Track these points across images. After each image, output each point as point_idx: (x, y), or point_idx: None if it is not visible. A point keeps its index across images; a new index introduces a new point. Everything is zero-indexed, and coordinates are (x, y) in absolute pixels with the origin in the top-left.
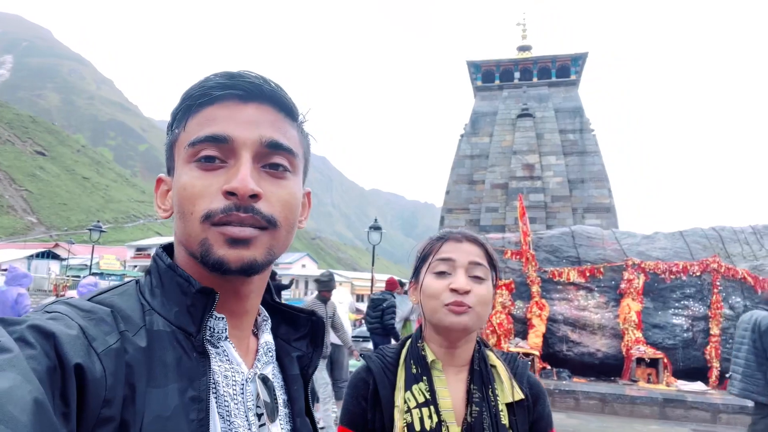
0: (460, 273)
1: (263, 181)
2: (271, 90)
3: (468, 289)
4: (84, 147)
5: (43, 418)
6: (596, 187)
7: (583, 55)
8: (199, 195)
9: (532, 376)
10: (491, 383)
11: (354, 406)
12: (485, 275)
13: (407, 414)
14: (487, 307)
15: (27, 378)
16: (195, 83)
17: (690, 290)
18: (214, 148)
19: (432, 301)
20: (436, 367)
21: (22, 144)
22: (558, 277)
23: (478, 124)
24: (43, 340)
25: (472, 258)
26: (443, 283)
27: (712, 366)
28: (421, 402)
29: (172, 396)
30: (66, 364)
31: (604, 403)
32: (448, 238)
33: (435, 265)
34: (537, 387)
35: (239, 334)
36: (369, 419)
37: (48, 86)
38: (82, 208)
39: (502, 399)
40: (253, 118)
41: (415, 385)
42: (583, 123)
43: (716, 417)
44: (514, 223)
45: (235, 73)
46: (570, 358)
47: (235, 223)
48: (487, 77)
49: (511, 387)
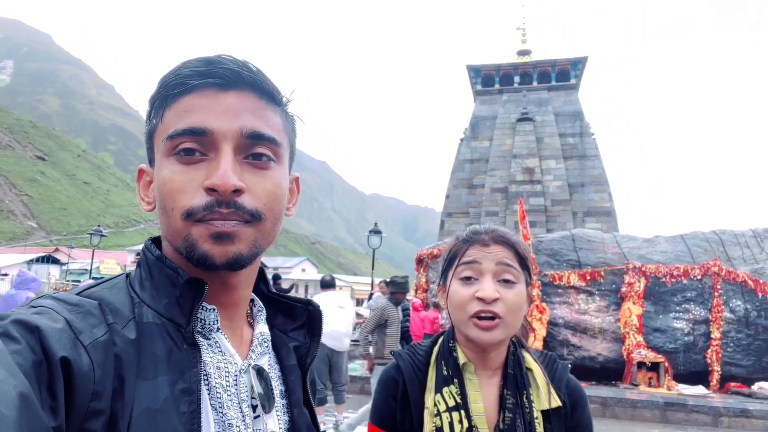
0: (488, 279)
1: (246, 173)
2: (251, 76)
3: (496, 297)
4: (84, 152)
5: (29, 413)
6: (596, 191)
7: (583, 59)
8: (179, 191)
9: (572, 380)
10: (526, 388)
11: (383, 405)
12: (516, 278)
13: (437, 417)
14: (518, 314)
15: (12, 373)
16: (170, 70)
17: (691, 294)
18: (193, 141)
19: (458, 311)
20: (468, 370)
21: (23, 149)
22: (558, 281)
23: (478, 128)
24: (28, 335)
25: (501, 261)
26: (469, 291)
27: (713, 370)
28: (452, 406)
29: (162, 388)
30: (52, 358)
31: (605, 406)
32: (474, 240)
33: (461, 271)
34: (577, 392)
35: (232, 324)
36: (398, 419)
37: (48, 91)
38: (83, 213)
39: (537, 405)
40: (233, 107)
41: (445, 387)
42: (583, 127)
43: (717, 421)
44: (514, 227)
45: (212, 58)
46: (571, 362)
47: (217, 220)
48: (487, 81)
49: (547, 393)
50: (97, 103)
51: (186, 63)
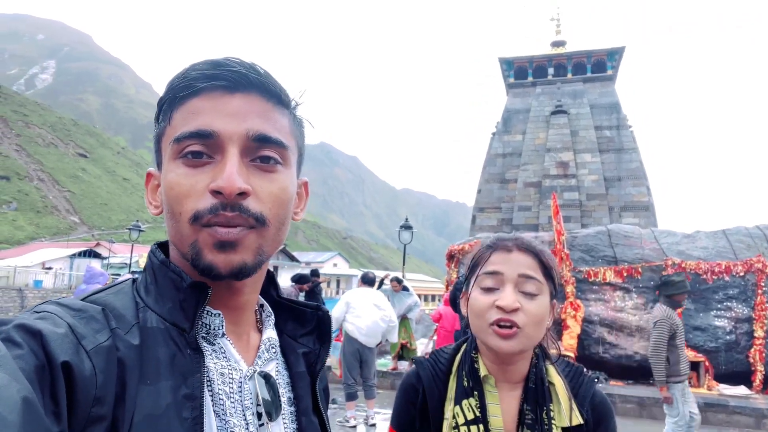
0: (509, 289)
1: (252, 175)
2: (258, 78)
3: (516, 307)
4: (124, 149)
5: (32, 417)
6: (634, 185)
7: (620, 50)
8: (186, 194)
9: (598, 394)
10: (546, 404)
11: (403, 411)
12: (538, 290)
13: (455, 430)
14: (540, 326)
15: (15, 377)
16: (178, 73)
17: (733, 291)
18: (199, 144)
19: (478, 319)
20: (488, 383)
21: (65, 146)
22: (594, 277)
23: (510, 122)
24: (31, 339)
25: (523, 271)
26: (489, 300)
27: (756, 369)
28: (471, 419)
29: (164, 393)
30: (54, 363)
31: (642, 407)
32: (498, 247)
33: (482, 279)
34: (602, 408)
35: (238, 330)
36: (417, 427)
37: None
38: (123, 208)
39: (558, 422)
40: (240, 109)
41: (465, 399)
42: (620, 119)
43: (760, 422)
44: (547, 222)
45: (219, 61)
46: (606, 361)
47: (222, 224)
48: (520, 74)
49: (569, 409)
50: (136, 101)
51: (193, 66)
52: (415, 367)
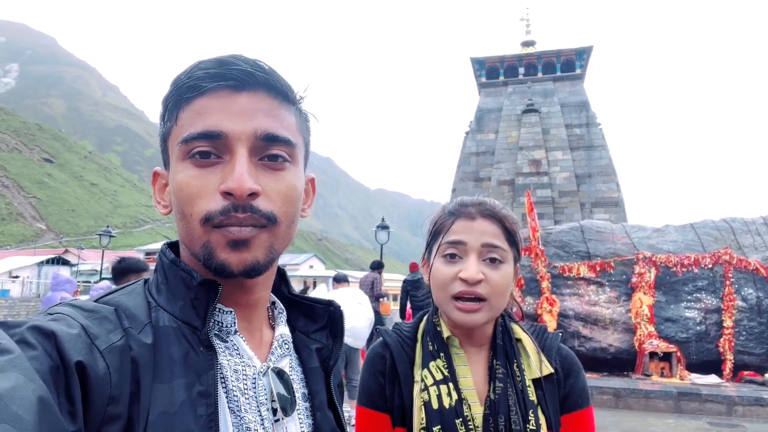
0: (472, 259)
1: (261, 175)
2: (264, 76)
3: (479, 279)
4: (91, 153)
5: (48, 416)
6: (604, 182)
7: (588, 49)
8: (196, 196)
9: (564, 348)
10: (516, 358)
11: (372, 383)
12: (503, 257)
13: (424, 392)
14: (504, 295)
15: (30, 378)
16: (183, 71)
17: (702, 283)
18: (208, 144)
19: (440, 290)
20: (453, 344)
21: (30, 151)
22: (568, 273)
23: (483, 121)
24: (44, 340)
25: (486, 239)
26: (452, 271)
27: (726, 359)
28: (439, 379)
29: (178, 391)
30: (68, 363)
31: (618, 398)
32: (460, 214)
33: (444, 248)
34: (569, 360)
35: (250, 327)
36: (388, 395)
37: (53, 93)
38: (91, 214)
39: (528, 374)
40: (247, 108)
41: (432, 362)
42: (590, 117)
43: (731, 409)
44: (522, 219)
45: (225, 59)
46: (582, 354)
47: (234, 225)
48: (492, 73)
49: (538, 361)
50: (102, 104)
51: (198, 64)
52: (381, 337)
